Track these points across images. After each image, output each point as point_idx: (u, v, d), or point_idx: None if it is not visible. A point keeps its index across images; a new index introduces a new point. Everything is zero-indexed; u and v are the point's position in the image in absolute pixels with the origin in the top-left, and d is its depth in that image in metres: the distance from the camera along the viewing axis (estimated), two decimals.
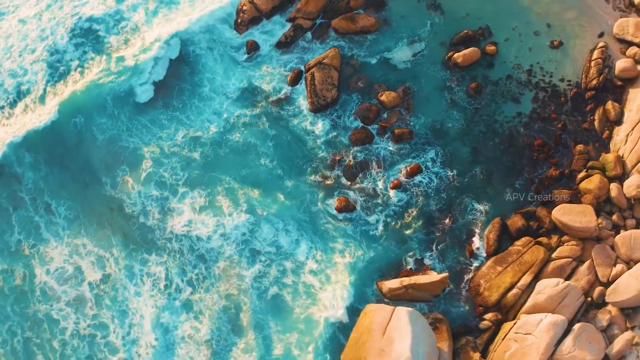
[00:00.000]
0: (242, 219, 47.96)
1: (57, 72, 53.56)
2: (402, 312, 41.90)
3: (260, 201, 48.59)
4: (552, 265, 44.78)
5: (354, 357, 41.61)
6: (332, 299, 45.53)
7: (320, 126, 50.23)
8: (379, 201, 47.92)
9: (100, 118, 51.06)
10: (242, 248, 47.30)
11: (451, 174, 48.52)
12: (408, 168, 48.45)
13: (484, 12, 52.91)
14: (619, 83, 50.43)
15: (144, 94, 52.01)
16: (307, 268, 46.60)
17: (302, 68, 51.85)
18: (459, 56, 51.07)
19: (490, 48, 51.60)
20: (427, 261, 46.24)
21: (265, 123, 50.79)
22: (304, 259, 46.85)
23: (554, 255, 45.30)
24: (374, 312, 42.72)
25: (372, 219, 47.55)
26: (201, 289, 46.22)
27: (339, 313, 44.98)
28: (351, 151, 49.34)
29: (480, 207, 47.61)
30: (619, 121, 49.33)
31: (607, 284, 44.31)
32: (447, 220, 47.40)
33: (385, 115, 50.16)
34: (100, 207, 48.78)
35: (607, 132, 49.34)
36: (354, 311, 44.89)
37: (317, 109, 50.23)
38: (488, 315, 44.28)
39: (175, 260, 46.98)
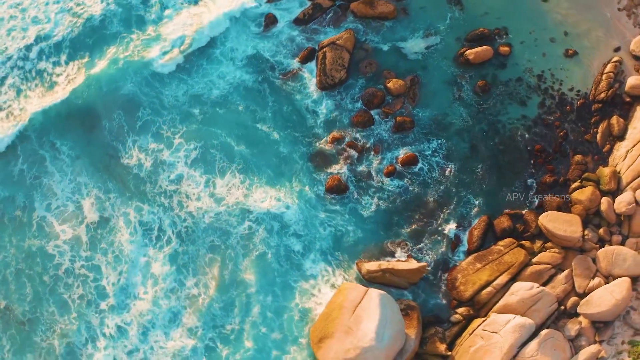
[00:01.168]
0: (235, 181, 47.77)
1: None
2: (374, 294, 41.53)
3: (254, 163, 48.28)
4: (530, 269, 43.90)
5: (322, 331, 41.39)
6: (310, 267, 45.31)
7: (323, 105, 49.62)
8: (372, 185, 47.32)
9: (109, 70, 51.15)
10: (231, 207, 47.09)
11: (447, 167, 47.73)
12: (404, 156, 47.70)
13: (503, 12, 51.63)
14: (628, 99, 48.95)
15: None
16: (292, 235, 46.26)
17: (316, 46, 51.07)
18: (470, 53, 49.99)
19: (504, 49, 50.39)
20: (410, 249, 45.60)
21: (269, 94, 50.24)
22: (292, 225, 46.49)
23: (534, 259, 44.42)
24: (348, 291, 42.41)
25: (362, 200, 46.94)
26: (189, 243, 46.08)
27: (316, 282, 44.96)
28: (351, 132, 48.69)
29: (471, 203, 46.79)
30: (621, 137, 47.92)
31: (583, 295, 43.33)
32: (436, 212, 46.66)
33: (389, 102, 49.32)
34: (100, 152, 48.75)
35: (608, 146, 48.00)
36: (330, 284, 44.85)
37: (324, 87, 49.65)
38: (460, 310, 43.66)
39: (167, 213, 46.89)
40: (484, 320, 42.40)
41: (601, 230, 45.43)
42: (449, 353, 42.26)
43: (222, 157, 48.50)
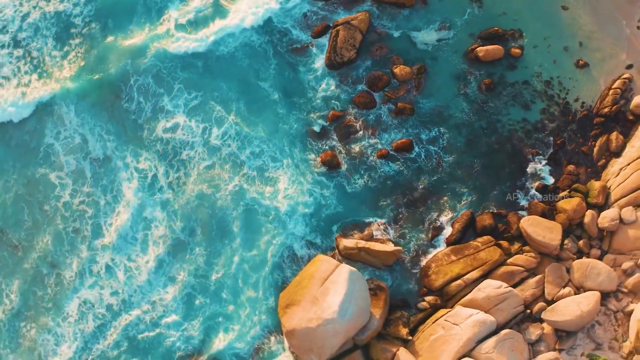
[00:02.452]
0: (231, 132, 47.54)
1: None
2: (345, 269, 41.01)
3: (251, 119, 48.07)
4: (503, 269, 42.93)
5: (290, 298, 41.11)
6: (292, 228, 45.16)
7: (327, 81, 48.68)
8: (364, 164, 46.50)
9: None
10: (224, 158, 47.01)
11: (440, 158, 46.66)
12: (399, 141, 46.74)
13: (522, 14, 49.90)
14: (631, 117, 47.21)
15: None
16: (281, 195, 46.09)
17: (330, 24, 49.91)
18: (481, 50, 48.53)
19: (516, 51, 48.83)
20: (390, 231, 44.89)
21: (274, 61, 49.41)
22: (281, 185, 46.31)
23: (509, 260, 43.42)
24: (321, 262, 42.02)
25: (352, 178, 46.21)
26: (180, 192, 46.08)
27: (294, 246, 45.03)
28: (351, 111, 47.82)
29: (458, 196, 45.86)
30: (618, 153, 46.31)
31: (551, 302, 42.33)
32: (422, 200, 45.81)
33: (394, 87, 48.28)
34: (106, 91, 48.65)
35: (604, 160, 46.47)
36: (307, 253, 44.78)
37: (332, 65, 48.64)
38: (429, 298, 42.97)
39: (162, 160, 46.80)
40: (448, 311, 41.67)
41: (581, 242, 44.13)
42: (410, 338, 41.71)
43: (221, 109, 48.13)
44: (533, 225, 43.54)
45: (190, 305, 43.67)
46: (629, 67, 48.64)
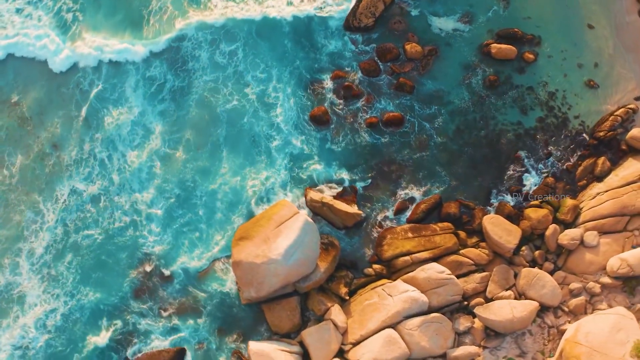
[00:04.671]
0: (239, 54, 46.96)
1: None
2: (301, 218, 40.10)
3: (260, 43, 47.22)
4: (454, 257, 41.38)
5: (246, 232, 40.48)
6: (278, 164, 44.52)
7: (340, 40, 47.03)
8: (352, 128, 45.02)
9: None
10: (229, 73, 46.53)
11: (427, 139, 44.79)
12: (391, 114, 44.96)
13: (546, 23, 47.05)
14: (624, 147, 44.37)
15: None
16: (275, 128, 45.43)
17: None
18: (495, 47, 46.03)
19: (529, 56, 46.15)
20: (359, 194, 43.57)
21: (291, 19, 48.05)
22: (279, 119, 45.50)
23: (462, 251, 41.82)
24: (282, 207, 41.15)
25: (337, 137, 44.86)
26: (182, 104, 45.71)
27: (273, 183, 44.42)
28: (354, 75, 46.15)
29: (433, 179, 44.12)
30: (600, 178, 43.69)
31: (490, 300, 40.48)
32: (397, 174, 44.21)
33: (401, 62, 46.32)
34: None
35: (585, 182, 43.93)
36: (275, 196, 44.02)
37: (348, 27, 46.90)
38: (376, 266, 41.83)
39: (169, 68, 46.39)
40: (388, 282, 40.38)
41: (537, 253, 42.08)
42: (347, 298, 40.84)
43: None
44: (494, 224, 41.58)
45: (169, 213, 43.31)
46: (638, 98, 45.51)
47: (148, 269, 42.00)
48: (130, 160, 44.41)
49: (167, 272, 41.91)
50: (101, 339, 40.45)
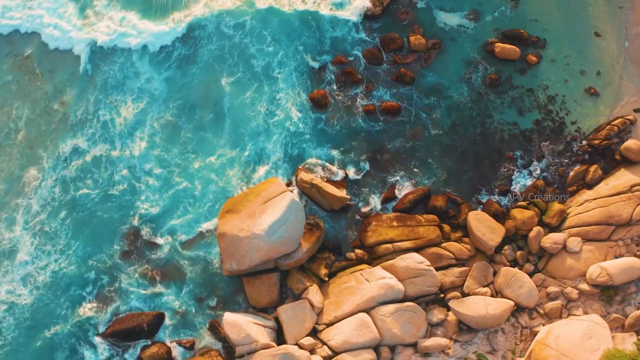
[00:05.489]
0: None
1: None
2: (288, 196, 39.70)
3: (270, 17, 46.95)
4: (435, 249, 40.80)
5: (234, 205, 40.19)
6: (274, 140, 44.13)
7: (345, 27, 46.37)
8: (349, 113, 44.42)
9: None
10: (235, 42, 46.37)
11: (422, 130, 44.07)
12: (389, 103, 44.34)
13: (553, 27, 46.15)
14: (618, 157, 43.46)
15: None
16: (276, 104, 45.08)
17: None
18: (498, 46, 45.18)
19: (532, 58, 45.25)
20: (349, 179, 43.04)
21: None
22: (280, 96, 45.13)
23: (444, 244, 41.16)
24: (271, 183, 40.79)
25: (333, 121, 44.31)
26: (187, 70, 45.64)
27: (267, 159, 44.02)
28: (356, 62, 45.49)
29: (422, 170, 43.43)
30: (590, 186, 42.86)
31: (466, 295, 39.79)
32: (389, 162, 43.56)
33: (404, 53, 45.59)
34: None
35: (574, 188, 43.04)
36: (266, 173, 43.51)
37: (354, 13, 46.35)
38: (358, 251, 41.31)
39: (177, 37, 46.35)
40: (368, 268, 39.91)
41: (519, 253, 41.38)
42: (326, 279, 40.44)
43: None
44: (478, 221, 40.92)
45: (167, 181, 43.01)
46: (637, 110, 44.49)
47: (138, 232, 41.76)
48: (132, 126, 44.13)
49: (155, 238, 41.69)
50: (86, 294, 40.38)
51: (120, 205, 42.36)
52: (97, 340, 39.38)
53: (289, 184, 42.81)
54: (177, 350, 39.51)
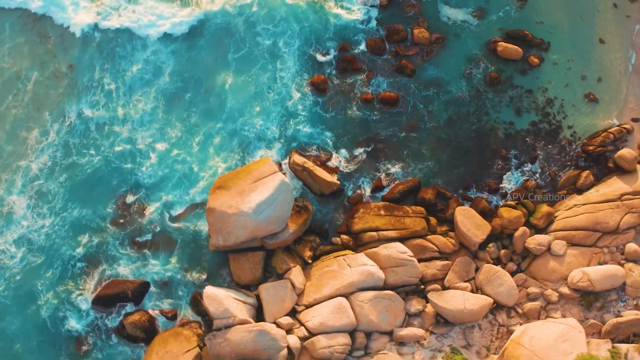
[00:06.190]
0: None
1: None
2: (278, 177, 39.35)
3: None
4: (419, 241, 40.35)
5: (225, 181, 39.86)
6: (272, 118, 43.75)
7: (352, 14, 45.76)
8: (347, 100, 43.90)
9: None
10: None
11: (417, 122, 43.51)
12: (387, 94, 43.75)
13: (558, 30, 45.23)
14: (611, 165, 42.67)
15: None
16: (278, 83, 44.63)
17: None
18: (501, 45, 44.38)
19: (534, 59, 44.43)
20: (341, 165, 42.61)
21: None
22: (282, 74, 44.61)
23: (429, 236, 40.68)
24: (263, 163, 40.40)
25: (330, 106, 43.83)
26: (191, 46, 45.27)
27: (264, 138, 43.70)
28: (359, 50, 44.86)
29: (417, 162, 42.87)
30: (580, 191, 42.21)
31: (446, 289, 39.38)
32: (383, 151, 43.06)
33: (407, 45, 44.92)
34: None
35: (565, 192, 42.29)
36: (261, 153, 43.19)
37: (363, 2, 45.58)
38: (344, 237, 40.98)
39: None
40: (352, 254, 39.57)
41: (503, 252, 40.86)
42: (310, 262, 40.17)
43: None
44: (465, 216, 40.40)
45: (166, 152, 42.67)
46: (635, 120, 43.63)
47: (132, 200, 41.62)
48: (137, 97, 43.82)
49: (148, 207, 41.49)
50: (76, 258, 40.29)
51: (118, 172, 42.09)
52: (82, 304, 39.42)
53: (281, 166, 42.41)
54: (159, 320, 39.52)
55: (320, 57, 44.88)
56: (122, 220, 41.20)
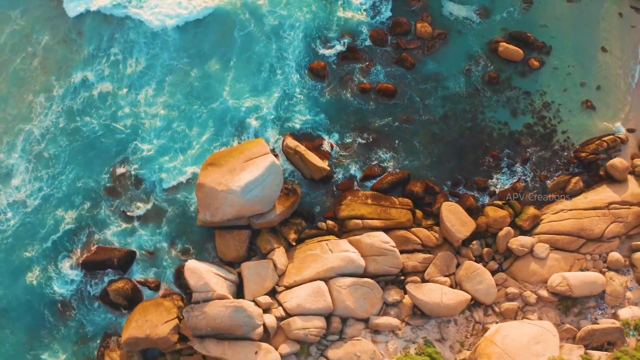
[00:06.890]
0: None
1: None
2: (269, 159, 39.13)
3: None
4: (403, 232, 40.03)
5: (217, 159, 39.85)
6: (263, 104, 43.21)
7: (358, 5, 45.30)
8: (344, 88, 43.44)
9: None
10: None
11: (412, 115, 42.99)
12: (386, 85, 43.24)
13: (561, 35, 44.55)
14: (602, 173, 41.98)
15: None
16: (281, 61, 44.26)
17: None
18: (502, 46, 43.73)
19: (534, 62, 43.73)
20: (334, 152, 42.21)
21: None
22: (285, 55, 44.25)
23: (413, 229, 40.29)
24: (257, 144, 40.29)
25: (328, 93, 43.35)
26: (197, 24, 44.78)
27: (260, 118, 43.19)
28: (361, 40, 44.32)
29: (409, 155, 42.36)
30: (569, 196, 41.33)
31: (426, 281, 39.00)
32: (377, 140, 42.61)
33: (408, 38, 44.33)
34: None
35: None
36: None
37: None
38: (330, 222, 40.75)
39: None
40: (335, 239, 39.27)
41: (485, 250, 40.40)
42: (294, 244, 39.92)
43: None
44: (450, 212, 39.95)
45: (167, 124, 42.45)
46: (630, 130, 42.84)
47: (128, 168, 41.42)
48: (142, 69, 43.53)
49: (142, 177, 41.41)
50: (69, 217, 40.28)
51: (117, 141, 41.99)
52: (68, 268, 39.48)
53: (274, 148, 42.09)
54: (142, 289, 39.51)
55: (322, 44, 44.36)
56: (115, 188, 41.11)
